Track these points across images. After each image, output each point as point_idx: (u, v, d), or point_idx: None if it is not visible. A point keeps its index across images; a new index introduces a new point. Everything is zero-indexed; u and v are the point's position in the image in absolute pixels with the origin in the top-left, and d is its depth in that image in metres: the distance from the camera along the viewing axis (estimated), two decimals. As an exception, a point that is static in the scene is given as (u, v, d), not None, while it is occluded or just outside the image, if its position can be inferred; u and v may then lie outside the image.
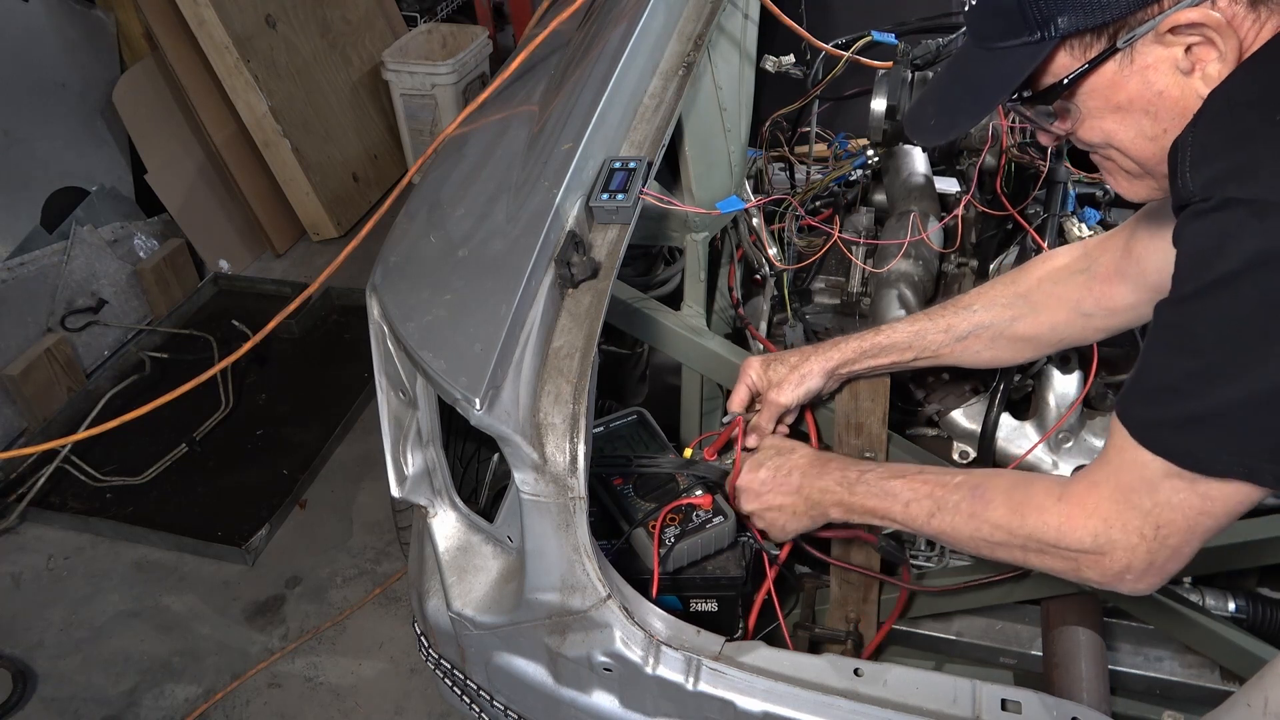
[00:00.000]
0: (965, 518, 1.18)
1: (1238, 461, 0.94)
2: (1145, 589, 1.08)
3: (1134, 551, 1.04)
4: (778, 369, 1.51)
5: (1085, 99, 1.03)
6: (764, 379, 1.51)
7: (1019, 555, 1.15)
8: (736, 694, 1.19)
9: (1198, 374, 0.94)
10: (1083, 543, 1.07)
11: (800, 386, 1.49)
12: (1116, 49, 0.98)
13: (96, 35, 3.89)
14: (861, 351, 1.50)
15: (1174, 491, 0.99)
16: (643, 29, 1.58)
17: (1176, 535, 1.01)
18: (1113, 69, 1.00)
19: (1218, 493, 0.97)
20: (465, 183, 1.54)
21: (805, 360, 1.50)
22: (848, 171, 2.14)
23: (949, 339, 1.47)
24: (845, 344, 1.51)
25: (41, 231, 3.59)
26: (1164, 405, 0.97)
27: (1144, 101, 1.00)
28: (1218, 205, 0.91)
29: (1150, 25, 0.96)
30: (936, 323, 1.49)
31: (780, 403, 1.49)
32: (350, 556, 2.93)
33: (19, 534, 3.07)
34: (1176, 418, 0.96)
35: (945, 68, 1.18)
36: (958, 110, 1.10)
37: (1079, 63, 1.00)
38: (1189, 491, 0.98)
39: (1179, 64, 0.97)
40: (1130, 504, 1.03)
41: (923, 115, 1.14)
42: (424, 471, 1.40)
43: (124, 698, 2.59)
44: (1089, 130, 1.06)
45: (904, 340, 1.49)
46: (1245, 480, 0.95)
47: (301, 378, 3.61)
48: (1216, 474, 0.96)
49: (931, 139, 1.16)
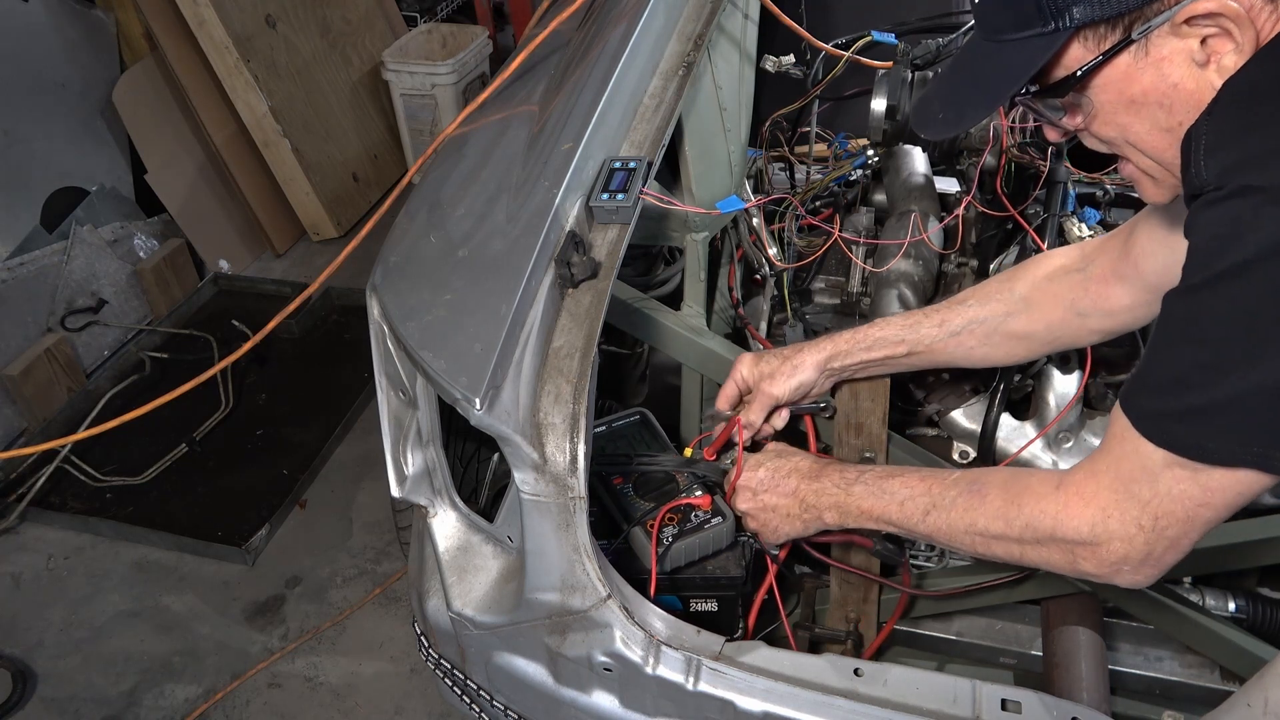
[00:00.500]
0: (961, 512, 1.17)
1: (1247, 450, 0.92)
2: (1142, 581, 1.06)
3: (1131, 543, 1.02)
4: (770, 361, 1.50)
5: (1098, 92, 1.02)
6: (755, 373, 1.49)
7: (1015, 550, 1.13)
8: (736, 694, 1.19)
9: (1207, 364, 0.92)
10: (1079, 532, 1.05)
11: (792, 378, 1.47)
12: (1131, 40, 0.96)
13: (96, 35, 3.89)
14: (855, 344, 1.48)
15: (1175, 482, 0.98)
16: (643, 29, 1.58)
17: (1175, 527, 1.00)
18: (1127, 61, 0.98)
19: (1220, 483, 0.96)
20: (465, 183, 1.54)
21: (798, 352, 1.49)
22: (848, 171, 2.14)
23: (943, 334, 1.46)
24: (838, 336, 1.50)
25: (41, 231, 3.59)
26: (1170, 396, 0.96)
27: (1158, 94, 0.99)
28: (1233, 193, 0.89)
29: (1166, 16, 0.94)
30: (930, 318, 1.47)
31: (772, 394, 1.47)
32: (350, 556, 2.93)
33: (19, 534, 3.07)
34: (1182, 409, 0.94)
35: (952, 61, 1.17)
36: (965, 104, 1.08)
37: (1092, 55, 0.98)
38: (1190, 483, 0.97)
39: (1194, 56, 0.96)
40: (1130, 494, 1.01)
41: (929, 109, 1.13)
42: (424, 471, 1.40)
43: (124, 698, 2.59)
44: (1101, 125, 1.05)
45: (896, 334, 1.47)
46: (1255, 468, 0.93)
47: (301, 378, 3.61)
48: (1224, 463, 0.94)
49: (939, 132, 1.13)
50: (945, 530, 1.19)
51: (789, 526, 1.36)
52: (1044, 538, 1.09)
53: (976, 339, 1.45)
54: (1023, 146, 1.93)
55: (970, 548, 1.19)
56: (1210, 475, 0.96)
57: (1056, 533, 1.08)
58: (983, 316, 1.44)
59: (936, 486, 1.21)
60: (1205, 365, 0.92)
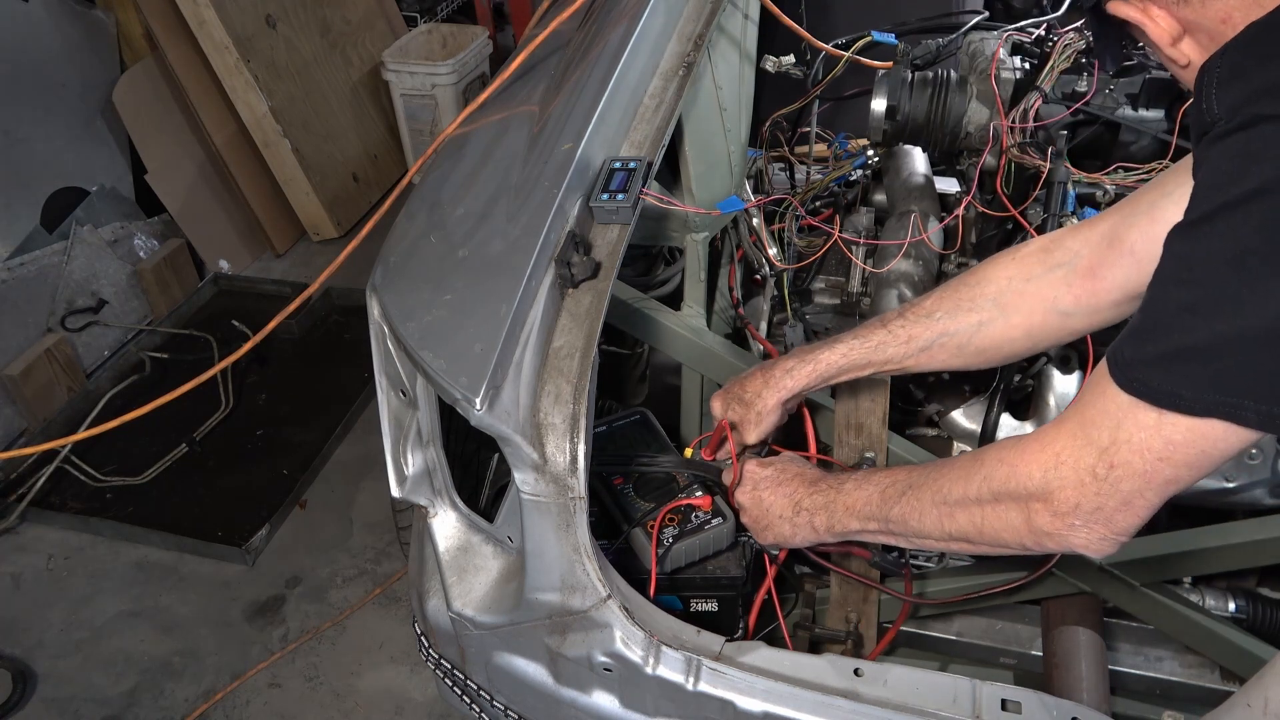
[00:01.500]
0: (931, 481, 1.14)
1: (1220, 400, 0.87)
2: (1096, 544, 1.00)
3: (1082, 489, 0.97)
4: (735, 410, 1.46)
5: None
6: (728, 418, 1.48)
7: (976, 517, 1.08)
8: (736, 694, 1.19)
9: (1189, 307, 0.88)
10: (1032, 478, 1.01)
11: (759, 426, 1.45)
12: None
13: (96, 35, 3.89)
14: (816, 376, 1.42)
15: (1136, 429, 0.93)
16: (643, 29, 1.58)
17: (1130, 480, 0.95)
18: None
19: (1184, 436, 0.90)
20: (465, 183, 1.54)
21: (758, 398, 1.44)
22: (848, 171, 2.14)
23: (910, 350, 1.36)
24: (799, 370, 1.42)
25: (41, 231, 3.59)
26: (1148, 341, 0.91)
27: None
28: (1244, 123, 0.85)
29: None
30: (895, 334, 1.37)
31: (747, 443, 1.47)
32: (350, 556, 2.93)
33: (19, 534, 3.07)
34: (1157, 354, 0.90)
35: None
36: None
37: None
38: (1152, 432, 0.92)
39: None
40: (1087, 439, 0.96)
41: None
42: (424, 471, 1.40)
43: (124, 698, 2.59)
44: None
45: (861, 358, 1.39)
46: (1225, 419, 0.88)
47: (301, 378, 3.61)
48: (1192, 412, 0.89)
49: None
50: (916, 510, 1.15)
51: (778, 527, 1.34)
52: (1000, 491, 1.05)
53: (948, 353, 1.36)
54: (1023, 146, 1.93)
55: (938, 525, 1.13)
56: (1175, 426, 0.90)
57: (1010, 482, 1.04)
58: (953, 329, 1.34)
59: (916, 472, 1.19)
60: (1187, 307, 0.88)
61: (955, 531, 1.12)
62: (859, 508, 1.24)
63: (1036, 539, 1.04)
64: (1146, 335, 0.92)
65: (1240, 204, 0.84)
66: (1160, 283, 0.93)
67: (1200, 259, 0.88)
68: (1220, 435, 0.90)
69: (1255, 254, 0.84)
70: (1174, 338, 0.89)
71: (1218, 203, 0.86)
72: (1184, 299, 0.89)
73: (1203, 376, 0.88)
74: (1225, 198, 0.85)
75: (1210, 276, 0.87)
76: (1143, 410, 0.92)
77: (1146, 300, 0.94)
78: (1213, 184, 0.87)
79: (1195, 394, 0.88)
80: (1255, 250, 0.84)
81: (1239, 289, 0.85)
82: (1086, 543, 1.00)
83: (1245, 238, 0.84)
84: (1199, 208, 0.89)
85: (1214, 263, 0.87)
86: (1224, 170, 0.86)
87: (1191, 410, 0.89)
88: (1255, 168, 0.83)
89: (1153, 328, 0.92)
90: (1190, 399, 0.89)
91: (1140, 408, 0.92)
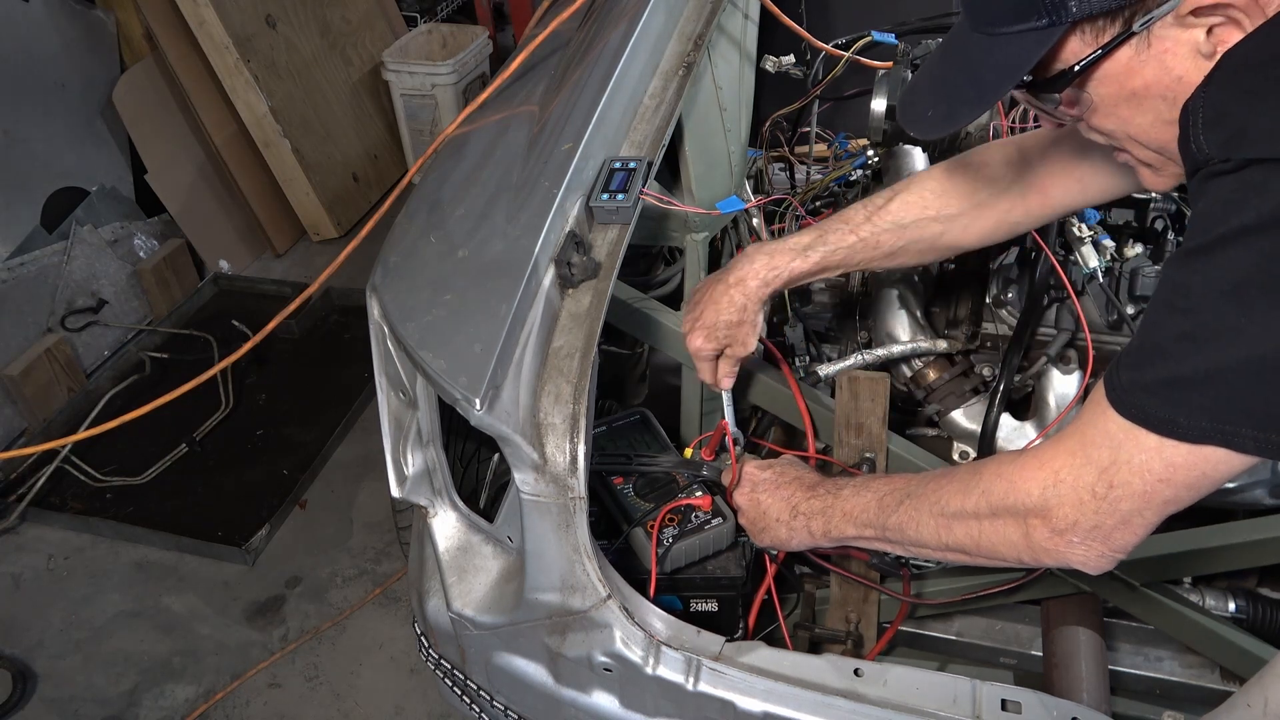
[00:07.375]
0: (930, 492, 1.13)
1: (1217, 427, 0.88)
2: (1094, 561, 1.01)
3: (1081, 507, 0.98)
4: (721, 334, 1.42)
5: (1097, 86, 0.98)
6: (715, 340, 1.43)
7: (974, 530, 1.08)
8: (736, 694, 1.19)
9: (1187, 334, 0.89)
10: (1031, 495, 1.01)
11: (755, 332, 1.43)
12: (1132, 33, 0.92)
13: (96, 35, 3.89)
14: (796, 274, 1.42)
15: (1137, 452, 0.93)
16: (643, 29, 1.58)
17: (1129, 500, 0.95)
18: (1128, 54, 0.94)
19: (1184, 460, 0.91)
20: (465, 183, 1.54)
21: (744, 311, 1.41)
22: (848, 171, 2.14)
23: (878, 255, 1.44)
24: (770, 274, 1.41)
25: (41, 231, 3.59)
26: (1146, 367, 0.92)
27: (1161, 88, 0.94)
28: (1238, 167, 0.86)
29: (1169, 7, 0.90)
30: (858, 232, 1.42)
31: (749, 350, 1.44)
32: (350, 556, 2.93)
33: (19, 534, 3.07)
34: (1155, 380, 0.91)
35: (938, 54, 1.09)
36: (957, 100, 1.03)
37: (1091, 49, 0.94)
38: (1153, 455, 0.92)
39: (1200, 48, 0.91)
40: (1087, 458, 0.97)
41: (918, 105, 1.08)
42: (424, 471, 1.40)
43: (124, 698, 2.59)
44: (1101, 119, 1.01)
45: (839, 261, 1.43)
46: (1222, 446, 0.89)
47: (301, 378, 3.61)
48: (1191, 439, 0.90)
49: (928, 131, 1.07)
50: (914, 520, 1.15)
51: (775, 530, 1.34)
52: (998, 506, 1.05)
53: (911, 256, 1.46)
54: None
55: (935, 537, 1.13)
56: (1175, 450, 0.91)
57: (1009, 498, 1.04)
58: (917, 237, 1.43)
59: (915, 480, 1.19)
60: (1185, 335, 0.89)
61: (952, 543, 1.12)
62: (856, 514, 1.23)
63: (1034, 554, 1.04)
64: (1144, 361, 0.93)
65: (1238, 236, 0.85)
66: (1157, 308, 0.94)
67: (1198, 288, 0.89)
68: (1220, 460, 0.91)
69: (1253, 285, 0.84)
70: (1171, 365, 0.90)
71: (1215, 234, 0.86)
72: (1182, 327, 0.90)
73: (1199, 404, 0.89)
74: (1224, 229, 0.86)
75: (1208, 305, 0.88)
76: (1143, 433, 0.93)
77: (1144, 325, 0.95)
78: (1210, 214, 0.88)
79: (1192, 421, 0.89)
80: (1253, 281, 0.84)
81: (1237, 319, 0.85)
82: (1084, 559, 1.01)
83: (1244, 269, 0.85)
84: (1197, 237, 0.89)
85: (1212, 292, 0.87)
86: (1221, 202, 0.87)
87: (1188, 437, 0.90)
88: (1253, 204, 0.84)
89: (1150, 354, 0.93)
90: (1187, 426, 0.90)
91: (1140, 432, 0.93)
